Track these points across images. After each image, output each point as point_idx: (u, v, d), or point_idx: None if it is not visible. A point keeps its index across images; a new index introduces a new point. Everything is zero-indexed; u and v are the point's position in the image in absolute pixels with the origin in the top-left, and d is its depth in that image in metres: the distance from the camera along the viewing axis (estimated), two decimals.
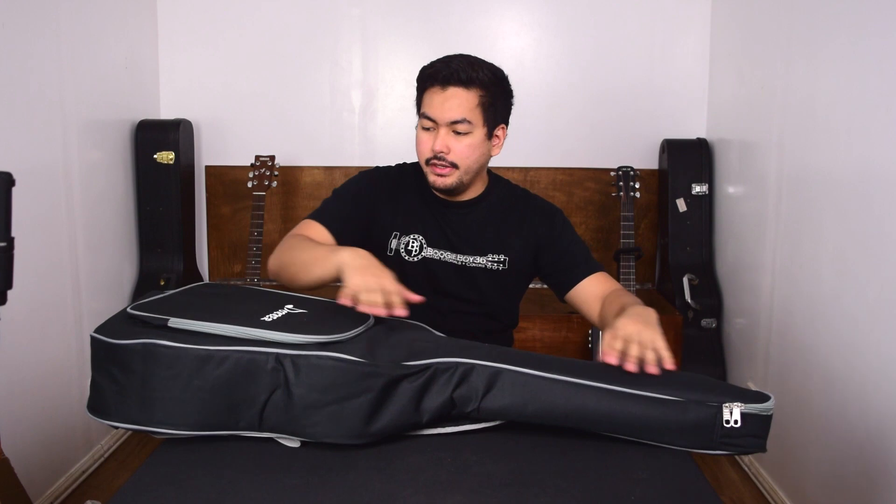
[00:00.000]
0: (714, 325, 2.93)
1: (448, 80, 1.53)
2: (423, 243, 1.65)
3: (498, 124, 1.60)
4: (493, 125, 1.58)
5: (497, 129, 1.60)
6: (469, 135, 1.55)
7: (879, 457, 1.86)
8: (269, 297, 1.40)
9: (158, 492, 1.06)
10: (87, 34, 2.59)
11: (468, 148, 1.55)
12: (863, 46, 1.97)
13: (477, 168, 1.60)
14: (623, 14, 3.13)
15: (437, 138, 1.55)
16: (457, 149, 1.55)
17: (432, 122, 1.55)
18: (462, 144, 1.55)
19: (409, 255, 1.65)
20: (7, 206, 1.32)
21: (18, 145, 2.20)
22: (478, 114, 1.54)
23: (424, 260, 1.64)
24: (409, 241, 1.65)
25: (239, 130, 3.18)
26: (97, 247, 2.67)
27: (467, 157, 1.56)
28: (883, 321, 1.86)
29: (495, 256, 1.64)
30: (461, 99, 1.53)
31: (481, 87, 1.53)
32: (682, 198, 3.02)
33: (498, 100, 1.57)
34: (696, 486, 1.10)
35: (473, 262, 1.64)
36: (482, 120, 1.55)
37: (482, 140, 1.57)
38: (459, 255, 1.64)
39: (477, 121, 1.54)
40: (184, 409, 1.13)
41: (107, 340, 1.16)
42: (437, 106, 1.54)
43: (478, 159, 1.58)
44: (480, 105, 1.54)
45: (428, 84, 1.56)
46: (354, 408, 1.13)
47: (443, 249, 1.65)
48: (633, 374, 1.22)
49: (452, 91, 1.53)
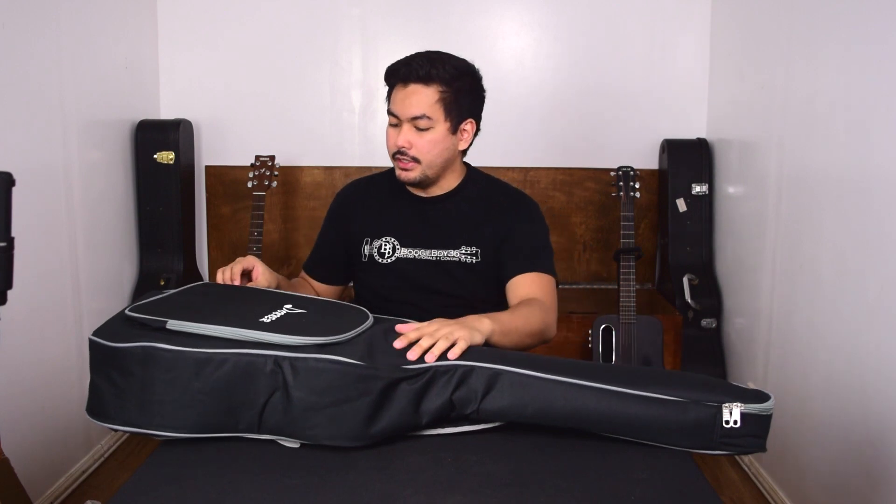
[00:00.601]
0: (714, 325, 2.93)
1: (408, 78, 1.56)
2: (395, 244, 1.67)
3: (464, 119, 1.62)
4: (457, 120, 1.60)
5: (464, 124, 1.62)
6: (430, 130, 1.58)
7: (879, 457, 1.86)
8: (268, 296, 1.39)
9: (158, 492, 1.06)
10: (87, 34, 2.59)
11: (429, 143, 1.58)
12: (863, 46, 1.97)
13: (441, 162, 1.62)
14: (623, 14, 3.13)
15: (399, 134, 1.59)
16: (418, 144, 1.58)
17: (396, 119, 1.60)
18: (423, 140, 1.58)
19: (382, 258, 1.68)
20: (7, 206, 1.32)
21: (18, 145, 2.20)
22: (438, 109, 1.57)
23: (398, 261, 1.67)
24: (381, 244, 1.69)
25: (239, 130, 3.18)
26: (97, 247, 2.67)
27: (429, 151, 1.59)
28: (883, 321, 1.86)
29: (468, 249, 1.65)
30: (421, 95, 1.56)
31: (441, 83, 1.56)
32: (682, 198, 3.02)
33: (462, 95, 1.59)
34: (696, 486, 1.10)
35: (448, 256, 1.65)
36: (443, 115, 1.57)
37: (444, 135, 1.59)
38: (434, 250, 1.66)
39: (437, 116, 1.57)
40: (183, 411, 1.13)
41: (105, 344, 1.16)
42: (399, 102, 1.58)
43: (440, 153, 1.61)
44: (441, 101, 1.56)
45: (392, 81, 1.61)
46: (353, 410, 1.13)
47: (416, 248, 1.66)
48: (633, 375, 1.22)
49: (413, 88, 1.56)
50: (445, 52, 1.61)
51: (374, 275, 1.68)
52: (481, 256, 1.65)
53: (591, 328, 2.71)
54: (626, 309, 2.66)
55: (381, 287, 1.69)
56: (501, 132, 3.18)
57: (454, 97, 1.57)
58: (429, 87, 1.56)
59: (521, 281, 1.61)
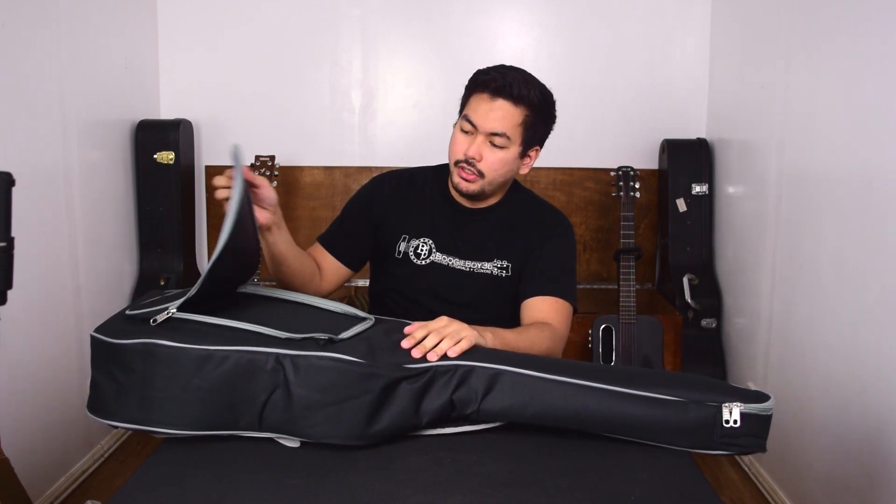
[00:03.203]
0: (714, 325, 2.93)
1: (499, 91, 1.53)
2: (432, 247, 1.66)
3: (533, 146, 1.60)
4: (529, 145, 1.59)
5: (531, 150, 1.61)
6: (504, 149, 1.55)
7: (879, 457, 1.86)
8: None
9: (158, 492, 1.06)
10: (87, 34, 2.59)
11: (499, 161, 1.56)
12: (863, 46, 1.97)
13: (501, 182, 1.62)
14: (623, 14, 3.13)
15: (472, 143, 1.56)
16: (489, 159, 1.56)
17: (472, 127, 1.56)
18: (495, 157, 1.56)
19: (417, 259, 1.66)
20: (7, 206, 1.32)
21: (18, 145, 2.20)
22: (518, 131, 1.55)
23: (433, 264, 1.65)
24: (418, 244, 1.66)
25: (239, 130, 3.18)
26: (97, 247, 2.67)
27: (496, 169, 1.57)
28: (883, 321, 1.86)
29: (500, 262, 1.65)
30: (507, 112, 1.53)
31: (529, 107, 1.53)
32: (682, 198, 3.02)
33: (540, 122, 1.57)
34: (696, 486, 1.10)
35: (480, 269, 1.64)
36: (521, 138, 1.56)
37: (514, 157, 1.58)
38: (468, 261, 1.65)
39: (515, 138, 1.55)
40: (183, 408, 1.13)
41: (107, 340, 1.16)
42: (482, 113, 1.54)
43: (504, 174, 1.59)
44: (523, 124, 1.54)
45: (478, 89, 1.56)
46: (354, 409, 1.13)
47: (451, 255, 1.65)
48: (633, 375, 1.22)
49: (500, 103, 1.53)
50: (531, 74, 1.59)
51: (405, 273, 1.67)
52: (511, 271, 1.64)
53: (591, 328, 2.71)
54: (626, 309, 2.66)
55: (408, 288, 1.67)
56: None
57: (534, 122, 1.55)
58: (517, 108, 1.53)
59: (539, 304, 1.60)
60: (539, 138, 1.61)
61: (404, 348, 1.22)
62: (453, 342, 1.23)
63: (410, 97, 3.18)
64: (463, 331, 1.27)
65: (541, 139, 1.62)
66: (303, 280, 1.59)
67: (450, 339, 1.23)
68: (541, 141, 1.62)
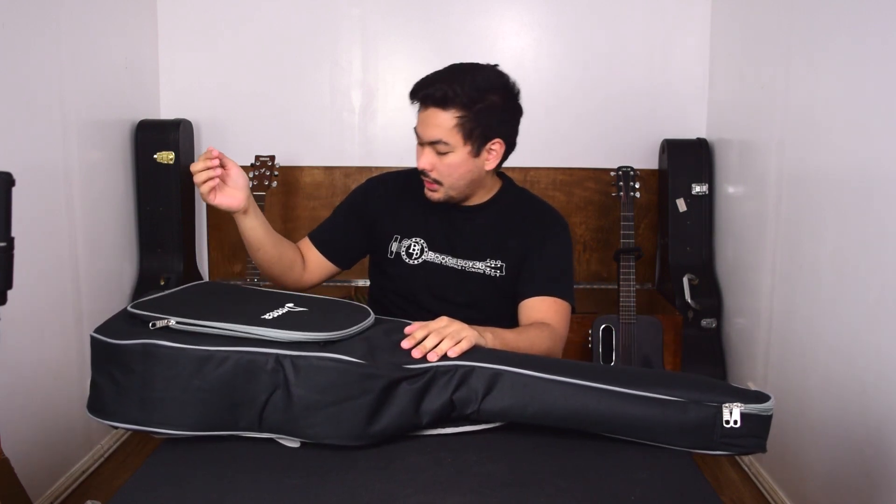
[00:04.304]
0: (714, 325, 2.93)
1: (425, 101, 1.53)
2: (424, 247, 1.65)
3: (490, 139, 1.56)
4: (480, 142, 1.54)
5: (490, 144, 1.56)
6: (449, 154, 1.54)
7: (879, 457, 1.86)
8: (270, 295, 1.40)
9: (158, 492, 1.06)
10: (87, 34, 2.59)
11: (448, 167, 1.55)
12: (863, 46, 1.97)
13: (465, 184, 1.59)
14: (623, 14, 3.13)
15: (422, 155, 1.57)
16: (439, 167, 1.56)
17: (419, 139, 1.58)
18: (443, 163, 1.55)
19: (409, 258, 1.66)
20: (7, 206, 1.32)
21: (18, 145, 2.20)
22: (455, 134, 1.52)
23: (425, 263, 1.65)
24: (410, 244, 1.66)
25: (239, 130, 3.18)
26: (97, 247, 2.67)
27: (450, 175, 1.56)
28: (883, 322, 1.86)
29: (494, 262, 1.64)
30: (438, 120, 1.52)
31: (459, 108, 1.50)
32: (682, 198, 3.02)
33: (484, 116, 1.52)
34: (696, 486, 1.10)
35: (473, 268, 1.64)
36: (461, 140, 1.52)
37: (465, 158, 1.54)
38: (460, 259, 1.64)
39: (455, 141, 1.52)
40: (183, 409, 1.13)
41: (107, 340, 1.16)
42: (420, 124, 1.57)
43: (462, 176, 1.57)
44: (458, 126, 1.51)
45: (413, 100, 1.58)
46: (354, 409, 1.13)
47: (444, 254, 1.65)
48: (633, 375, 1.22)
49: (430, 111, 1.53)
50: (475, 66, 1.56)
51: (399, 274, 1.67)
52: (506, 271, 1.63)
53: (591, 328, 2.71)
54: (626, 309, 2.66)
55: (403, 288, 1.67)
56: None
57: (474, 120, 1.52)
58: (446, 112, 1.51)
59: (537, 304, 1.59)
60: (496, 131, 1.55)
61: (404, 349, 1.22)
62: (453, 342, 1.23)
63: None
64: (463, 331, 1.27)
65: (499, 131, 1.56)
66: (281, 268, 1.61)
67: (450, 340, 1.23)
68: (500, 133, 1.57)
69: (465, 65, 1.59)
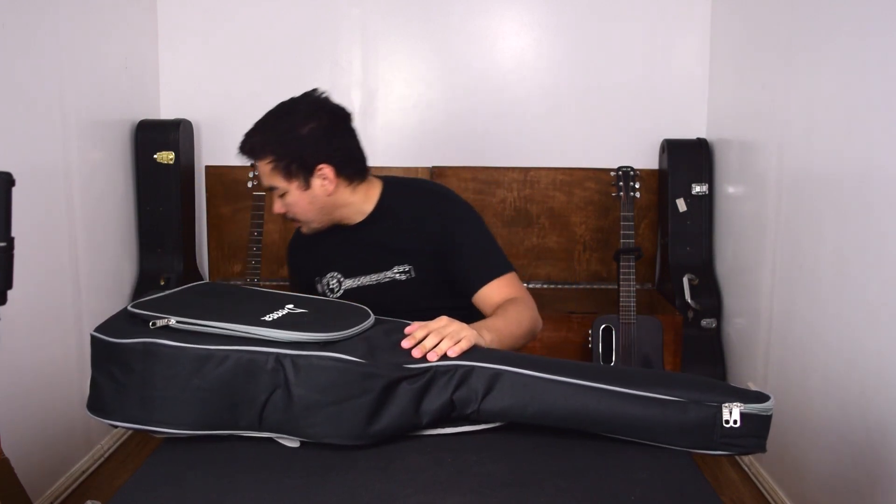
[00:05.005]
0: (714, 325, 2.93)
1: (246, 156, 1.60)
2: (340, 278, 1.69)
3: (314, 168, 1.57)
4: (305, 175, 1.57)
5: (318, 171, 1.58)
6: (286, 194, 1.59)
7: (879, 457, 1.86)
8: (269, 296, 1.40)
9: (158, 492, 1.06)
10: (87, 34, 2.59)
11: (293, 206, 1.61)
12: (863, 47, 1.97)
13: (317, 212, 1.62)
14: (623, 14, 3.13)
15: (273, 202, 1.64)
16: (287, 208, 1.62)
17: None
18: (287, 204, 1.61)
19: (333, 293, 1.70)
20: (7, 206, 1.32)
21: (18, 145, 2.20)
22: (276, 177, 1.57)
23: (346, 292, 1.68)
24: (328, 280, 1.71)
25: (239, 130, 3.11)
26: (97, 247, 2.67)
27: (299, 211, 1.61)
28: (883, 321, 1.86)
29: (400, 267, 1.65)
30: (260, 170, 1.60)
31: (268, 154, 1.57)
32: (682, 198, 3.02)
33: (296, 152, 1.56)
34: (696, 486, 1.10)
35: (386, 278, 1.66)
36: (285, 180, 1.57)
37: (300, 194, 1.58)
38: (373, 274, 1.67)
39: (281, 183, 1.58)
40: (183, 408, 1.13)
41: (107, 339, 1.17)
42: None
43: (308, 208, 1.61)
44: (275, 170, 1.57)
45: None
46: (354, 409, 1.13)
47: (358, 276, 1.68)
48: (633, 375, 1.22)
49: (256, 165, 1.60)
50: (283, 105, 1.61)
51: None
52: (415, 272, 1.64)
53: (591, 328, 2.71)
54: (626, 309, 2.66)
55: None
56: (501, 132, 3.18)
57: (287, 159, 1.56)
58: (261, 161, 1.57)
59: (491, 290, 1.60)
60: (315, 159, 1.57)
61: (404, 348, 1.22)
62: (453, 342, 1.23)
63: (410, 97, 3.18)
64: (463, 331, 1.27)
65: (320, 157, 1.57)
66: None
67: (449, 339, 1.24)
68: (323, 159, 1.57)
69: (274, 109, 1.63)
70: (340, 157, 1.61)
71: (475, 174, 3.17)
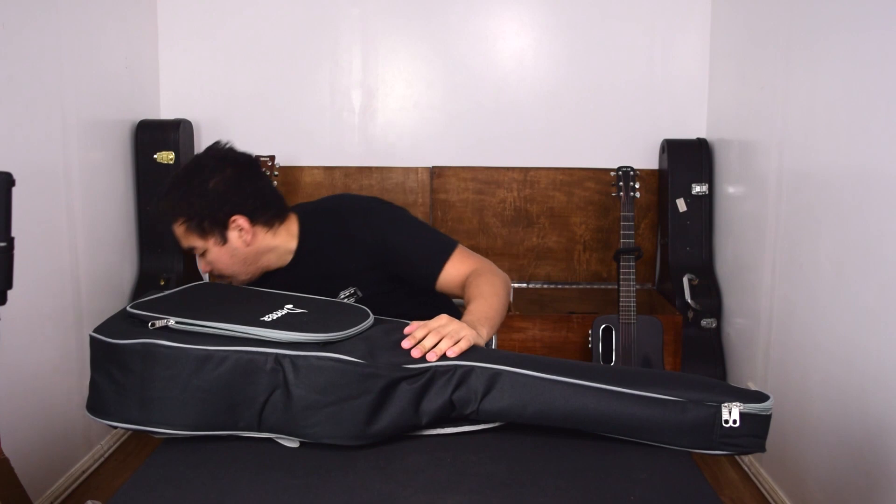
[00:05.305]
0: (714, 325, 2.93)
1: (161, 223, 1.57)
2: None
3: (228, 220, 1.55)
4: (219, 230, 1.55)
5: (231, 224, 1.56)
6: (206, 252, 1.58)
7: (879, 457, 1.86)
8: (269, 297, 1.40)
9: (158, 492, 1.06)
10: (87, 34, 2.59)
11: (215, 262, 1.59)
12: (863, 46, 1.97)
13: (241, 263, 1.60)
14: (623, 14, 3.13)
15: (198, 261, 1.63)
16: (209, 265, 1.60)
17: None
18: (210, 261, 1.59)
19: None
20: (7, 206, 1.32)
21: (18, 145, 2.20)
22: (193, 237, 1.56)
23: None
24: None
25: (239, 130, 3.18)
26: (97, 247, 2.67)
27: (222, 266, 1.60)
28: (883, 321, 1.86)
29: (346, 291, 1.62)
30: (176, 234, 1.58)
31: (179, 216, 1.55)
32: (682, 198, 3.02)
33: (204, 210, 1.54)
34: (696, 486, 1.10)
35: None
36: (201, 239, 1.56)
37: (220, 248, 1.57)
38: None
39: (198, 242, 1.57)
40: (183, 409, 1.13)
41: (106, 340, 1.17)
42: None
43: (232, 262, 1.59)
44: (189, 231, 1.56)
45: None
46: (353, 409, 1.13)
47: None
48: (632, 375, 1.22)
49: (172, 229, 1.58)
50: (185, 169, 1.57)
51: None
52: (362, 290, 1.62)
53: (591, 328, 2.71)
54: (626, 309, 2.66)
55: None
56: (501, 132, 3.18)
57: (198, 217, 1.54)
58: (175, 224, 1.56)
59: (448, 274, 1.59)
60: (226, 212, 1.55)
61: (404, 348, 1.22)
62: (452, 342, 1.23)
63: (410, 97, 3.18)
64: (462, 330, 1.27)
65: (230, 210, 1.55)
66: None
67: (449, 339, 1.24)
68: (233, 210, 1.55)
69: (180, 170, 1.60)
70: (252, 205, 1.57)
71: (475, 174, 3.17)
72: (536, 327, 2.79)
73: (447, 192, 3.17)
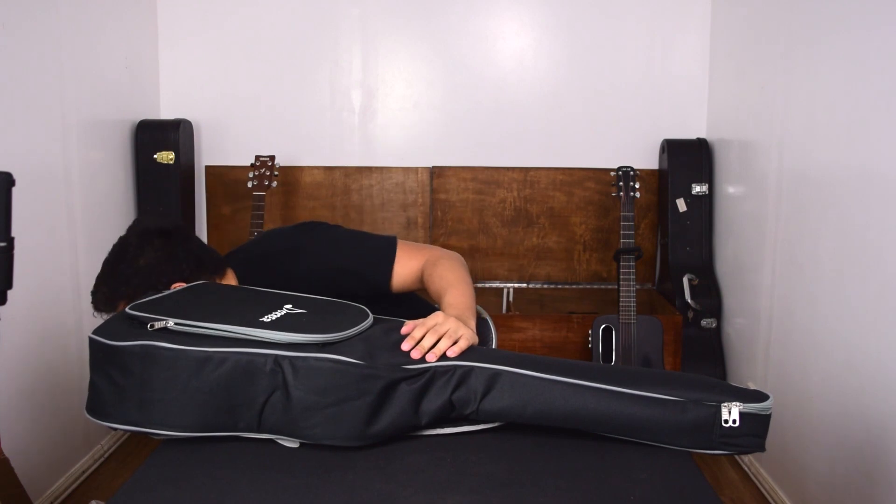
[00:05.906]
0: (714, 325, 2.93)
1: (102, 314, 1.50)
2: None
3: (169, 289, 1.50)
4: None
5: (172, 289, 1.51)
6: None
7: (879, 457, 1.86)
8: (268, 297, 1.39)
9: (158, 492, 1.06)
10: (87, 34, 2.59)
11: None
12: (863, 46, 1.97)
13: None
14: (623, 14, 3.13)
15: None
16: None
17: None
18: None
19: None
20: (7, 206, 1.32)
21: (18, 145, 2.20)
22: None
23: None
24: None
25: (239, 130, 3.18)
26: (97, 247, 2.66)
27: None
28: (883, 321, 1.86)
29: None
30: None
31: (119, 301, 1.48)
32: (682, 198, 3.02)
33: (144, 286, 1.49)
34: (696, 486, 1.10)
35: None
36: None
37: None
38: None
39: None
40: (182, 410, 1.13)
41: (105, 342, 1.16)
42: None
43: None
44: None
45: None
46: (353, 410, 1.13)
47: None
48: (632, 375, 1.22)
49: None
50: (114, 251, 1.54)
51: None
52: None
53: (591, 328, 2.71)
54: (626, 309, 2.66)
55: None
56: (501, 132, 3.18)
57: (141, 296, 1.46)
58: (119, 306, 1.48)
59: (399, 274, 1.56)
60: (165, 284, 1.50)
61: (404, 350, 1.22)
62: (451, 342, 1.23)
63: (410, 97, 3.18)
64: (460, 329, 1.27)
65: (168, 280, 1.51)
66: None
67: (448, 339, 1.23)
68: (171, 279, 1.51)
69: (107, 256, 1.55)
70: (189, 268, 1.54)
71: (475, 174, 3.17)
72: (536, 327, 2.79)
73: (447, 192, 3.17)
